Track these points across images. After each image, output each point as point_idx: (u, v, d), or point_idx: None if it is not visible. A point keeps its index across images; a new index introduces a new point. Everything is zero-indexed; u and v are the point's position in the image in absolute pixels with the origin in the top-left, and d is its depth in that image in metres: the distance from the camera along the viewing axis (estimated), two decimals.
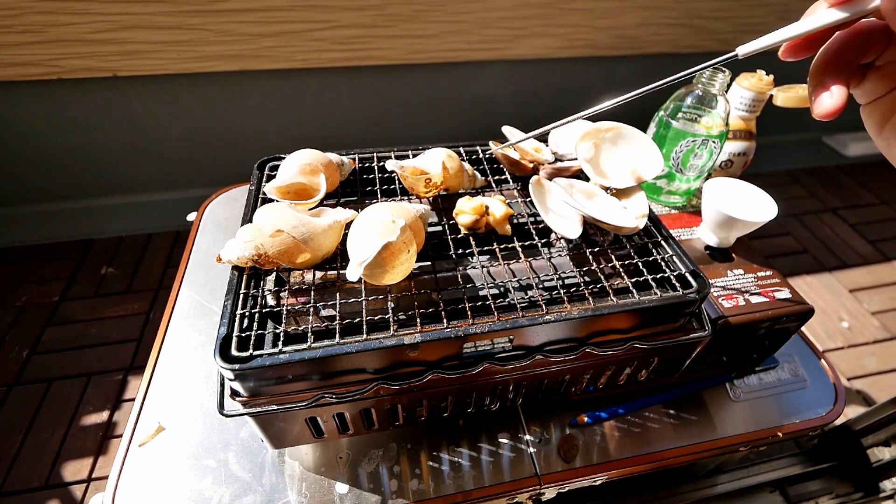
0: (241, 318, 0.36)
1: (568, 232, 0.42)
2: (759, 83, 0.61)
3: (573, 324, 0.37)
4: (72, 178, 1.44)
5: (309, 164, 0.45)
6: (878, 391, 1.19)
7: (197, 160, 1.49)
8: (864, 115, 0.24)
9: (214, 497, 0.44)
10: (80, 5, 1.11)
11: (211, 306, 0.61)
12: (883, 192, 1.85)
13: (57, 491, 0.94)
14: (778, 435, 0.52)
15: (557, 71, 1.57)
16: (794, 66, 0.26)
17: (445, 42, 1.38)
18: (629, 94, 0.34)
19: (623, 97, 0.34)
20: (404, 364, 0.37)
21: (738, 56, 0.26)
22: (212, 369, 0.54)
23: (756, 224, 0.49)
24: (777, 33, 0.23)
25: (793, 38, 0.23)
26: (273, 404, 0.35)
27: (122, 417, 1.06)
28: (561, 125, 0.40)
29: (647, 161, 0.46)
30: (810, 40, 0.23)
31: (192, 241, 0.70)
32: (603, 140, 0.48)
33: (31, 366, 1.14)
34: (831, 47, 0.22)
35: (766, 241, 1.63)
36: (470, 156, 0.55)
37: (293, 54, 1.29)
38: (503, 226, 0.44)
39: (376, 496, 0.45)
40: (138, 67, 1.23)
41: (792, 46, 0.23)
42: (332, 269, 0.40)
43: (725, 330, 0.46)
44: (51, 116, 1.30)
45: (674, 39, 1.56)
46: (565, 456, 0.49)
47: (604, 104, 0.36)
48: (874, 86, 0.23)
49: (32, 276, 1.34)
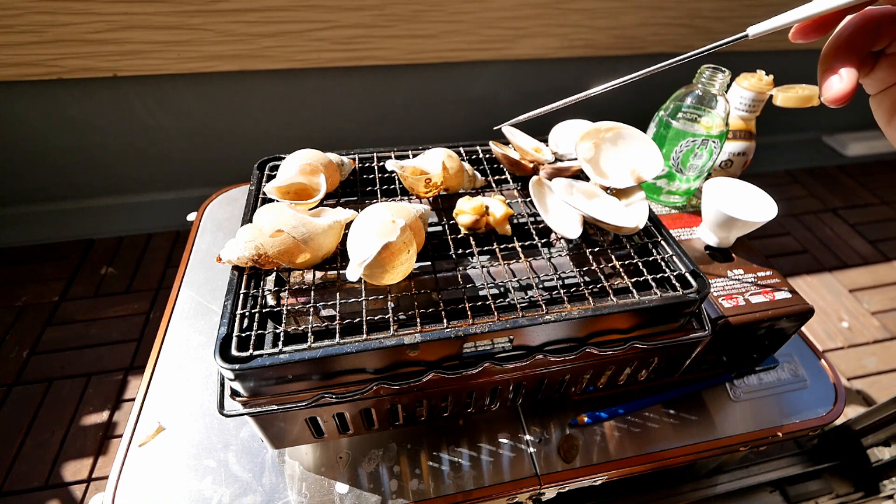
0: (242, 318, 0.36)
1: (568, 232, 0.42)
2: (759, 83, 0.61)
3: (573, 324, 0.37)
4: (72, 178, 1.44)
5: (309, 164, 0.45)
6: (878, 391, 1.19)
7: (197, 160, 1.49)
8: (873, 105, 0.24)
9: (214, 497, 0.44)
10: (80, 5, 1.11)
11: (211, 306, 0.61)
12: (883, 192, 1.85)
13: (57, 491, 0.94)
14: (778, 435, 0.52)
15: (557, 71, 1.57)
16: (794, 66, 0.26)
17: (445, 42, 1.38)
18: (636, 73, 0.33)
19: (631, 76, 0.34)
20: (404, 364, 0.37)
21: (748, 36, 0.25)
22: (212, 369, 0.54)
23: (756, 224, 0.49)
24: (788, 14, 0.23)
25: (804, 20, 0.22)
26: (273, 404, 0.35)
27: (122, 417, 1.06)
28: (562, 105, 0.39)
29: (647, 161, 0.46)
30: (821, 23, 0.22)
31: (192, 241, 0.70)
32: (603, 140, 0.48)
33: (31, 366, 1.14)
34: (842, 32, 0.22)
35: (766, 241, 1.63)
36: (470, 156, 0.55)
37: (293, 54, 1.29)
38: (503, 226, 0.44)
39: (376, 496, 0.45)
40: (138, 67, 1.23)
41: (803, 28, 0.23)
42: (332, 269, 0.40)
43: (725, 330, 0.46)
44: (51, 116, 1.30)
45: (674, 39, 1.56)
46: (565, 456, 0.49)
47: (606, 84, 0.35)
48: (885, 74, 0.23)
49: (32, 276, 1.34)
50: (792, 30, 0.23)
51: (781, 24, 0.23)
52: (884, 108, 0.23)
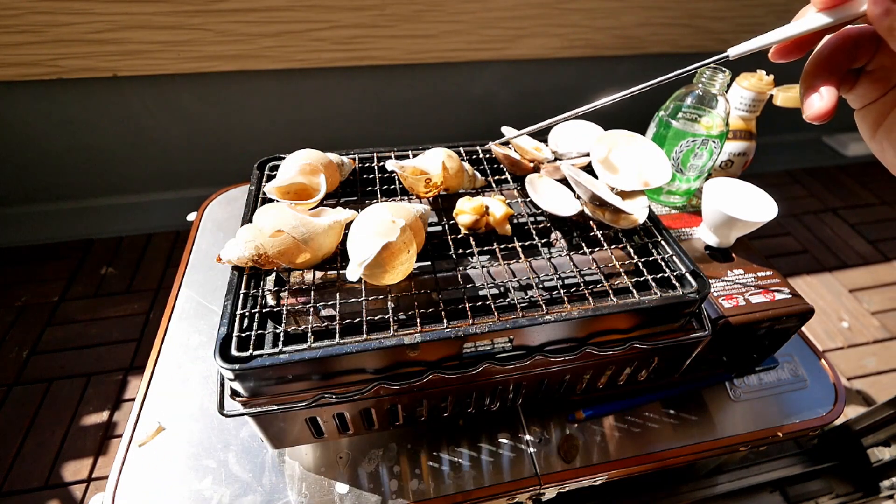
0: (241, 318, 0.36)
1: (563, 210, 0.43)
2: (759, 83, 0.61)
3: (573, 324, 0.37)
4: (72, 178, 1.44)
5: (309, 164, 0.45)
6: (878, 391, 1.19)
7: (197, 160, 1.49)
8: (857, 119, 0.25)
9: (214, 497, 0.44)
10: (80, 5, 1.11)
11: (211, 306, 0.61)
12: (883, 192, 1.85)
13: (57, 491, 0.94)
14: (778, 435, 0.52)
15: (557, 71, 1.57)
16: (794, 66, 0.26)
17: (445, 42, 1.38)
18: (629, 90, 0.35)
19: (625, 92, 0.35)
20: (404, 364, 0.37)
21: (729, 57, 0.26)
22: (212, 369, 0.54)
23: (756, 224, 0.49)
24: (767, 35, 0.24)
25: (783, 41, 0.23)
26: (273, 404, 0.35)
27: (122, 417, 1.06)
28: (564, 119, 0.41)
29: (656, 169, 0.47)
30: (799, 43, 0.23)
31: (192, 241, 0.70)
32: (616, 145, 0.49)
33: (31, 366, 1.14)
34: (822, 52, 0.23)
35: (766, 241, 1.63)
36: (470, 156, 0.55)
37: (293, 54, 1.29)
38: (503, 226, 0.44)
39: (376, 496, 0.45)
40: (138, 67, 1.23)
41: (782, 49, 0.24)
42: (332, 269, 0.40)
43: (725, 330, 0.46)
44: (51, 116, 1.30)
45: (674, 39, 1.56)
46: (565, 456, 0.49)
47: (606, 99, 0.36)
48: (866, 90, 0.23)
49: (32, 276, 1.34)
50: (771, 50, 0.24)
51: (761, 44, 0.24)
52: (868, 123, 0.24)
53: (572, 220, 0.47)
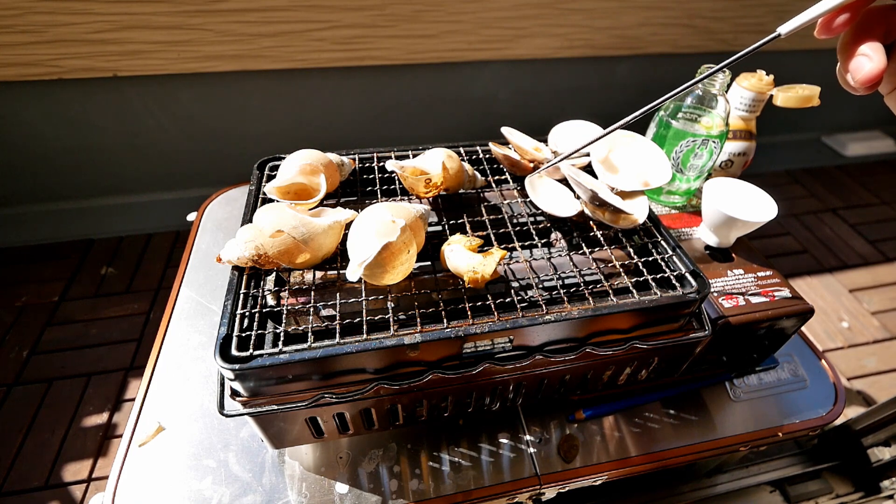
0: (242, 318, 0.36)
1: (562, 211, 0.43)
2: (759, 83, 0.61)
3: (573, 324, 0.37)
4: (72, 178, 1.44)
5: (309, 164, 0.45)
6: (878, 391, 1.19)
7: (197, 160, 1.49)
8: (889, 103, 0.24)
9: (214, 497, 0.44)
10: (80, 5, 1.11)
11: (211, 306, 0.61)
12: (883, 192, 1.85)
13: (57, 491, 0.94)
14: (778, 435, 0.52)
15: (557, 71, 1.57)
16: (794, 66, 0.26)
17: (445, 42, 1.38)
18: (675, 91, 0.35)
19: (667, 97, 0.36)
20: (404, 364, 0.37)
21: (780, 35, 0.25)
22: (212, 369, 0.54)
23: (756, 224, 0.49)
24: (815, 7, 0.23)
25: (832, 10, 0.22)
26: (273, 404, 0.35)
27: (122, 417, 1.06)
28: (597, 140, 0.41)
29: (656, 169, 0.47)
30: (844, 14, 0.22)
31: (192, 241, 0.70)
32: (616, 145, 0.49)
33: (31, 366, 1.14)
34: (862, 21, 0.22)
35: (766, 241, 1.63)
36: (470, 156, 0.55)
37: (293, 54, 1.29)
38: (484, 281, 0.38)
39: (376, 496, 0.45)
40: (138, 67, 1.23)
41: (827, 22, 0.23)
42: (332, 269, 0.40)
43: (725, 330, 0.46)
44: (51, 116, 1.30)
45: (673, 39, 1.56)
46: (565, 456, 0.49)
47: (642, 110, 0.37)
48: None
49: (32, 276, 1.34)
50: (817, 26, 0.23)
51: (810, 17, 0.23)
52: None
53: (572, 220, 0.47)
